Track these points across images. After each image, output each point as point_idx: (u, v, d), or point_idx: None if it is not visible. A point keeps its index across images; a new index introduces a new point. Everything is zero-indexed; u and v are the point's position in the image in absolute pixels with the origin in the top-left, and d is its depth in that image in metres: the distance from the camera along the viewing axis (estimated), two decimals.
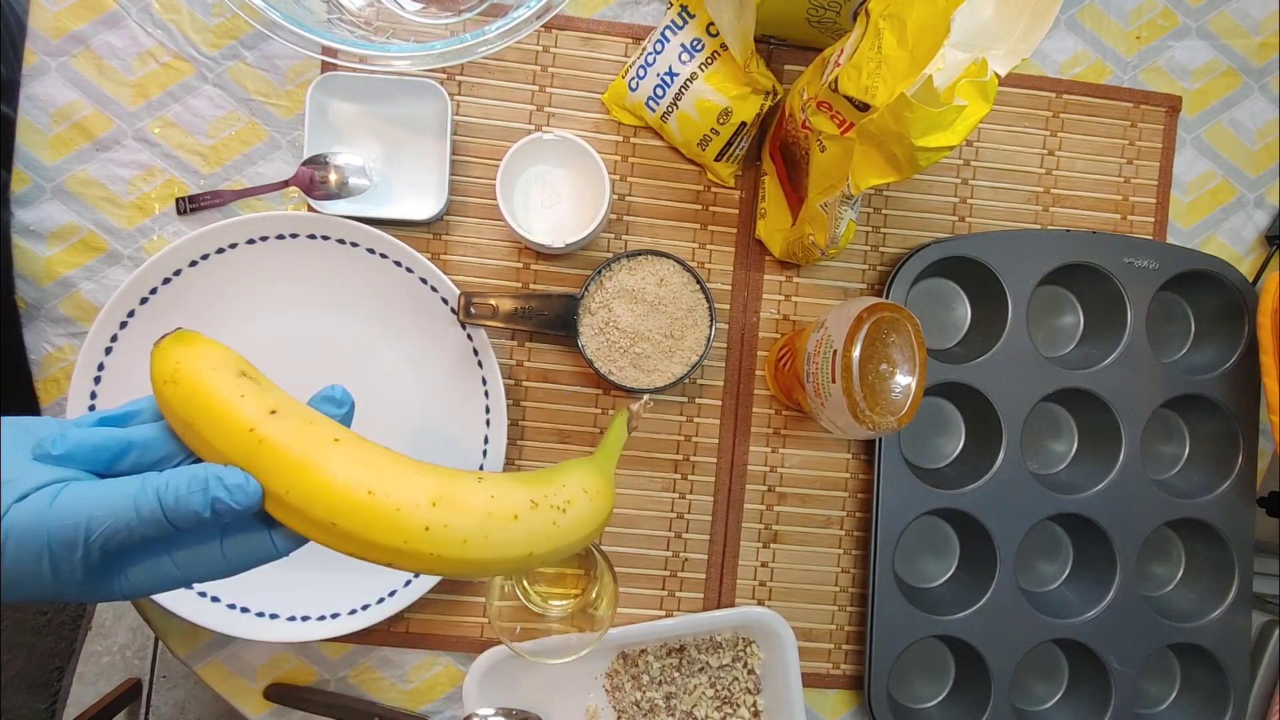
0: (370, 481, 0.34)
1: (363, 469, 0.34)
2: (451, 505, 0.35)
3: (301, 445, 0.33)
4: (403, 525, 0.34)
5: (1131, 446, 0.65)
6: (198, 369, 0.34)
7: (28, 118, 0.61)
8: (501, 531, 0.36)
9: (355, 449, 0.34)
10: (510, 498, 0.37)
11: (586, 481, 0.42)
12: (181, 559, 0.34)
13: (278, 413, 0.34)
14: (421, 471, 0.35)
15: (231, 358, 0.35)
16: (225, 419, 0.33)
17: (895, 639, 0.63)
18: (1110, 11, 0.69)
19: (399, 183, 0.62)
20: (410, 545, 0.34)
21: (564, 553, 0.39)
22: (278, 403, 0.34)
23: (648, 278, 0.58)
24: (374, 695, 0.63)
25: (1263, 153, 0.70)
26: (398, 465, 0.35)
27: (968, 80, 0.41)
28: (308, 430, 0.34)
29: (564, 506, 0.39)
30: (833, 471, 0.66)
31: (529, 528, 0.37)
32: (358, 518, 0.33)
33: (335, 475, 0.33)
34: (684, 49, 0.59)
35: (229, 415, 0.33)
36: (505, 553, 0.36)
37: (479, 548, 0.35)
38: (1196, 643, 0.65)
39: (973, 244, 0.64)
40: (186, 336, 0.36)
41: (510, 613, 0.59)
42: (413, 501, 0.34)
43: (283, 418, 0.34)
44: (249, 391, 0.34)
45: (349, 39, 0.52)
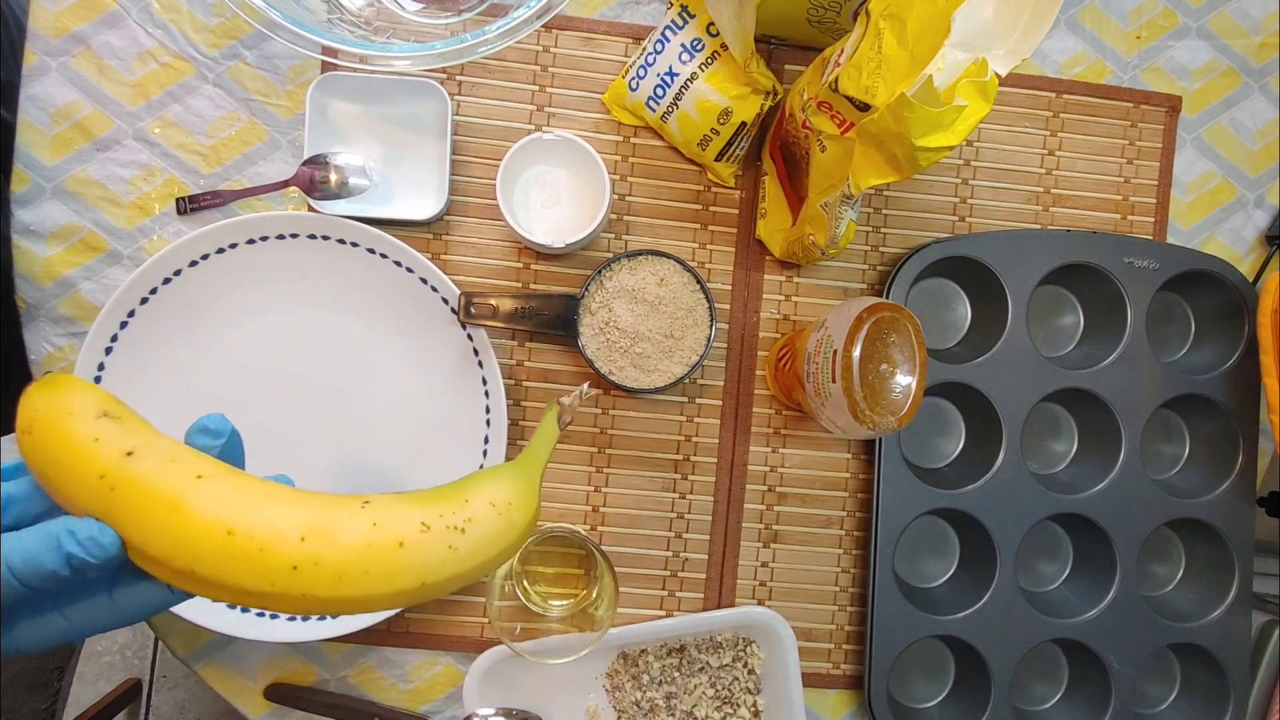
0: (232, 520, 0.31)
1: (225, 506, 0.31)
2: (324, 538, 0.31)
3: (158, 487, 0.31)
4: (267, 566, 0.31)
5: (1131, 446, 0.65)
6: (53, 415, 0.31)
7: (28, 118, 0.61)
8: (384, 563, 0.32)
9: (220, 485, 0.31)
10: (396, 522, 0.33)
11: (496, 494, 0.38)
12: (71, 614, 0.33)
13: (135, 454, 0.31)
14: (296, 504, 0.32)
15: (94, 399, 0.32)
16: (76, 467, 0.31)
17: (895, 639, 0.63)
18: (1110, 11, 0.69)
19: (399, 183, 0.62)
20: (278, 588, 0.31)
21: (467, 578, 0.36)
22: (137, 443, 0.31)
23: (648, 278, 0.58)
24: (374, 695, 0.63)
25: (1263, 153, 0.70)
26: (268, 499, 0.32)
27: (968, 80, 0.41)
28: (166, 470, 0.31)
29: (463, 526, 0.35)
30: (833, 471, 0.66)
31: (418, 556, 0.33)
32: (218, 562, 0.31)
33: (193, 516, 0.31)
34: (684, 49, 0.59)
35: (79, 462, 0.31)
36: (389, 586, 0.33)
37: (356, 584, 0.32)
38: (1196, 643, 0.65)
39: (973, 244, 0.64)
40: (55, 381, 0.33)
41: (510, 613, 0.59)
42: (278, 538, 0.31)
43: (139, 458, 0.31)
44: (105, 434, 0.31)
45: (349, 39, 0.52)
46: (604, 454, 0.64)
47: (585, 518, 0.64)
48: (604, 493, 0.64)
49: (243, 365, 0.60)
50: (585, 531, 0.64)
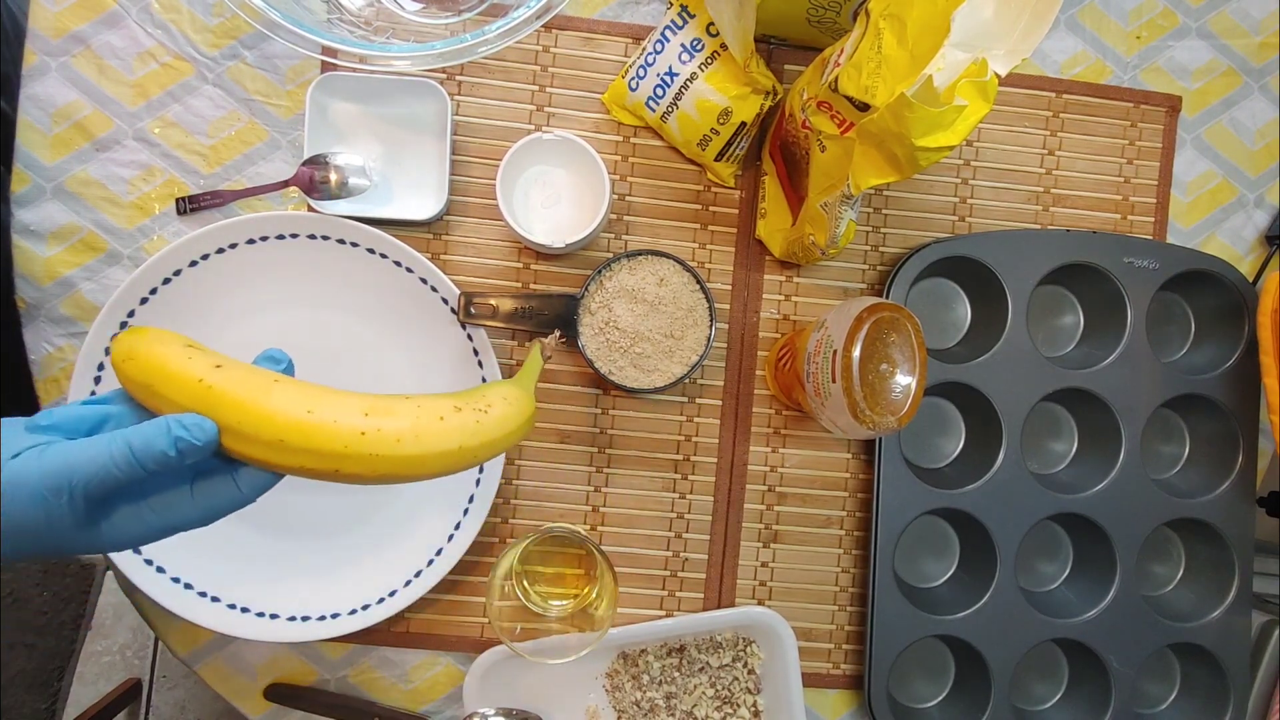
0: (309, 403, 0.39)
1: (302, 395, 0.39)
2: (383, 413, 0.40)
3: (246, 387, 0.38)
4: (341, 433, 0.39)
5: (1131, 446, 0.65)
6: (149, 344, 0.39)
7: (28, 118, 0.61)
8: (430, 429, 0.41)
9: (293, 385, 0.40)
10: (435, 404, 0.43)
11: (505, 392, 0.48)
12: (157, 504, 0.38)
13: (222, 367, 0.39)
14: (356, 395, 0.41)
15: (179, 336, 0.40)
16: (177, 376, 0.38)
17: (895, 639, 0.63)
18: (1110, 11, 0.69)
19: (399, 183, 0.62)
20: (351, 449, 0.39)
21: (491, 448, 0.45)
22: (222, 360, 0.39)
23: (648, 278, 0.58)
24: (374, 695, 0.63)
25: (1263, 153, 0.70)
26: (334, 392, 0.40)
27: (968, 80, 0.41)
28: (250, 376, 0.39)
29: (485, 409, 0.45)
30: (833, 471, 0.66)
31: (455, 425, 0.42)
32: (302, 433, 0.38)
33: (277, 403, 0.38)
34: (684, 49, 0.59)
35: (180, 373, 0.38)
36: (437, 447, 0.42)
37: (412, 444, 0.40)
38: (1196, 643, 0.65)
39: (973, 244, 0.64)
40: (137, 329, 0.40)
41: (510, 613, 0.59)
42: (348, 413, 0.39)
43: (227, 369, 0.39)
44: (195, 355, 0.39)
45: (349, 39, 0.52)
46: (604, 454, 0.64)
47: (585, 518, 0.64)
48: (604, 493, 0.64)
49: None
50: (585, 531, 0.64)
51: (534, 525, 0.64)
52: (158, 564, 0.58)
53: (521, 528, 0.64)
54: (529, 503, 0.64)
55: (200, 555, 0.58)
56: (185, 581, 0.58)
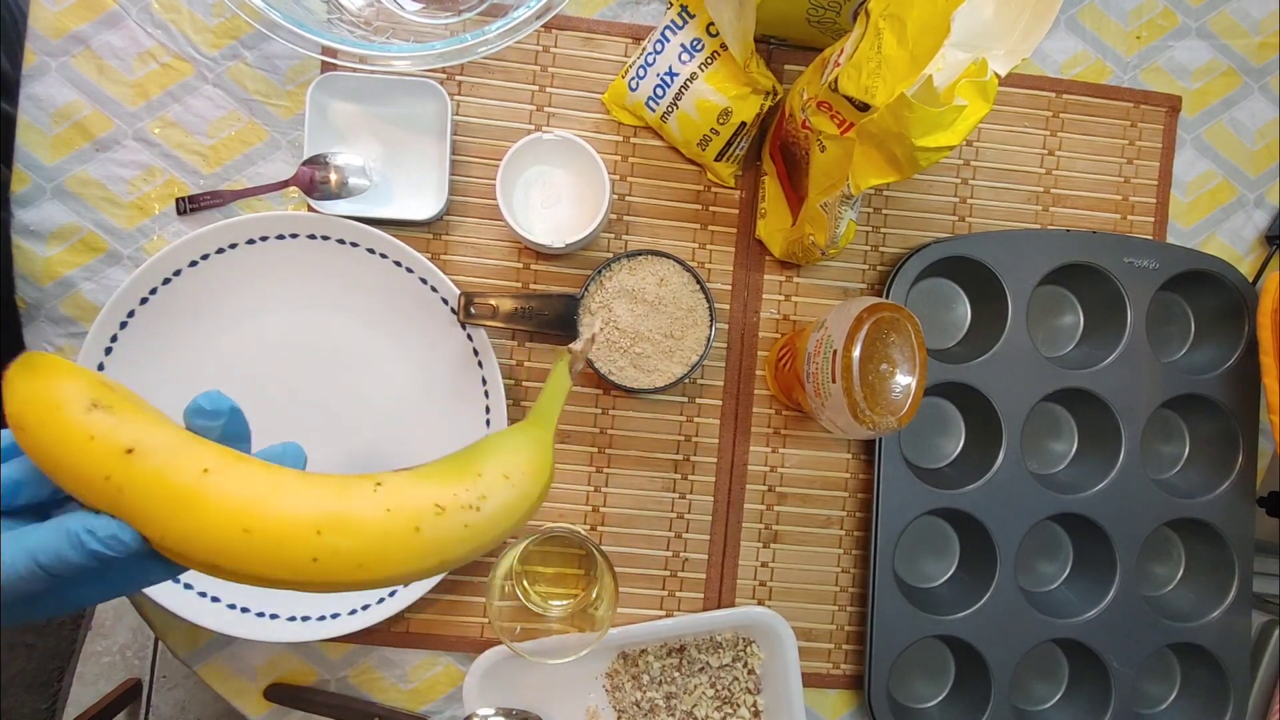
0: (246, 517, 0.31)
1: (237, 502, 0.31)
2: (340, 529, 0.32)
3: (165, 487, 0.31)
4: (287, 560, 0.32)
5: (1131, 446, 0.65)
6: (41, 410, 0.31)
7: (27, 118, 0.61)
8: (402, 548, 0.33)
9: (227, 477, 0.32)
10: (410, 507, 0.34)
11: (509, 464, 0.38)
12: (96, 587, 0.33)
13: (135, 451, 0.31)
14: (307, 492, 0.33)
15: (84, 387, 0.31)
16: (77, 469, 0.30)
17: (895, 639, 0.63)
18: (1110, 11, 0.69)
19: (399, 183, 0.62)
20: (302, 576, 0.32)
21: (485, 549, 0.37)
22: (135, 437, 0.31)
23: (648, 278, 0.58)
24: (374, 695, 0.63)
25: (1263, 153, 0.70)
26: (278, 490, 0.32)
27: (968, 80, 0.41)
28: (172, 465, 0.31)
29: (477, 504, 0.36)
30: (833, 471, 0.66)
31: (435, 537, 0.34)
32: (238, 557, 0.31)
33: (207, 517, 0.31)
34: (684, 49, 0.59)
35: (80, 465, 0.30)
36: (409, 567, 0.34)
37: (377, 568, 0.33)
38: (1196, 643, 0.65)
39: (973, 244, 0.64)
40: (35, 362, 0.31)
41: (510, 613, 0.59)
42: (295, 534, 0.32)
43: (140, 456, 0.31)
44: (99, 430, 0.31)
45: (349, 39, 0.52)
46: (604, 454, 0.64)
47: (585, 518, 0.64)
48: (604, 493, 0.64)
49: (243, 365, 0.60)
50: (585, 531, 0.64)
51: (534, 525, 0.64)
52: None
53: None
54: None
55: None
56: (185, 581, 0.58)
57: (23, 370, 0.31)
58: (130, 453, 0.31)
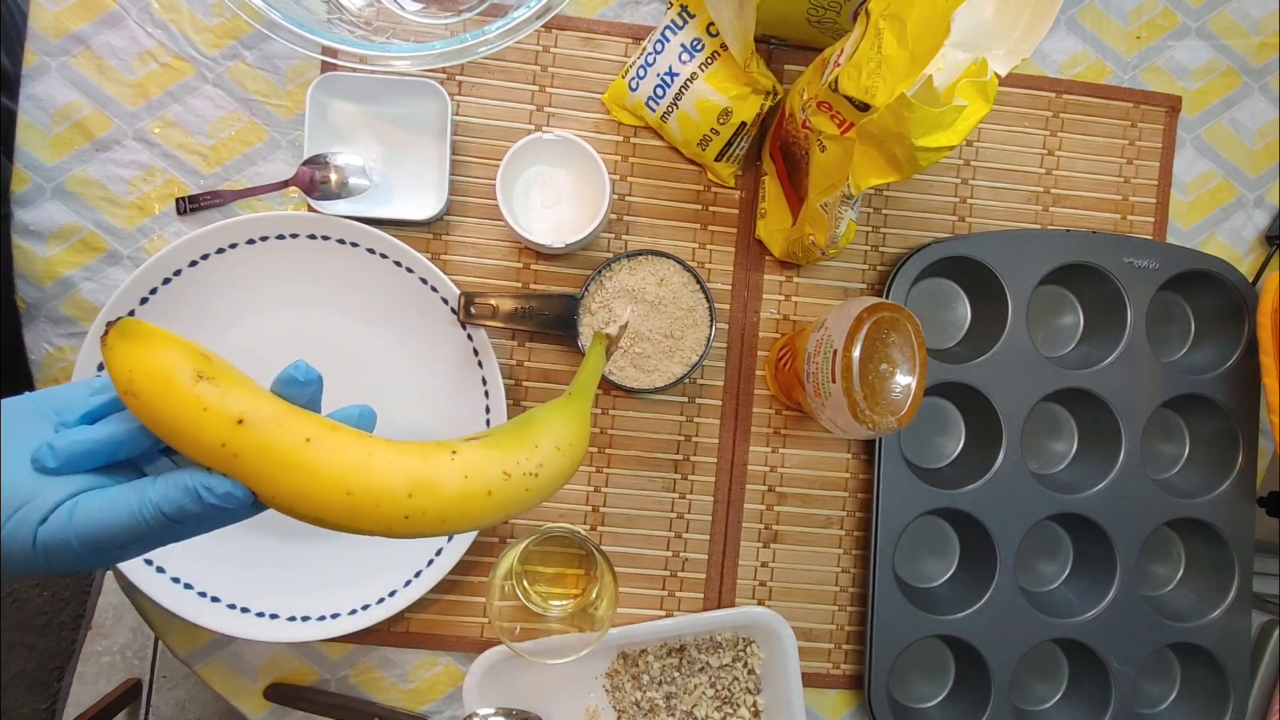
0: (347, 482, 0.35)
1: (338, 468, 0.35)
2: (428, 492, 0.37)
3: (275, 453, 0.35)
4: (384, 517, 0.36)
5: (1131, 446, 0.65)
6: (152, 381, 0.34)
7: (28, 118, 0.61)
8: (477, 507, 0.39)
9: (327, 446, 0.36)
10: (483, 474, 0.39)
11: (560, 436, 0.43)
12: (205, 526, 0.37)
13: (245, 421, 0.34)
14: (394, 459, 0.37)
15: (185, 356, 0.34)
16: (194, 439, 0.34)
17: (895, 639, 0.63)
18: (1110, 11, 0.69)
19: (399, 183, 0.62)
20: (395, 530, 0.37)
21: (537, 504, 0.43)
22: (243, 407, 0.34)
23: (648, 278, 0.58)
24: (374, 695, 0.63)
25: (1262, 153, 0.70)
26: (372, 458, 0.36)
27: (968, 80, 0.41)
28: (277, 435, 0.35)
29: (536, 472, 0.41)
30: (833, 471, 0.66)
31: (502, 499, 0.39)
32: (342, 515, 0.36)
33: (313, 479, 0.35)
34: (684, 49, 0.59)
35: (196, 435, 0.34)
36: (482, 521, 0.39)
37: (457, 522, 0.38)
38: (1196, 643, 0.65)
39: (973, 244, 0.64)
40: (132, 330, 0.34)
41: (510, 613, 0.59)
42: (391, 496, 0.36)
43: (249, 426, 0.34)
44: (211, 401, 0.34)
45: (349, 39, 0.52)
46: (604, 454, 0.64)
47: (585, 518, 0.64)
48: (604, 493, 0.64)
49: (243, 365, 0.60)
50: (585, 531, 0.64)
51: (534, 525, 0.64)
52: (158, 564, 0.58)
53: (521, 528, 0.64)
54: None
55: (200, 556, 0.58)
56: (185, 582, 0.58)
57: (123, 338, 0.34)
58: (241, 423, 0.34)
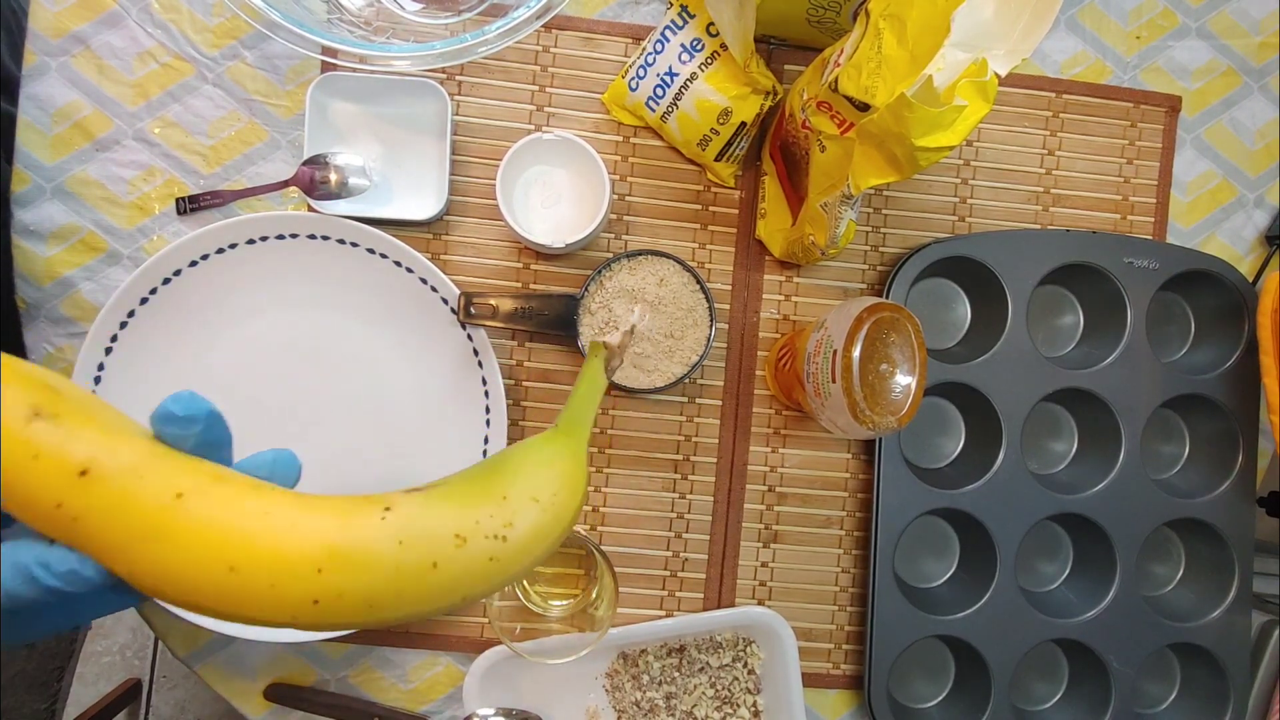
0: (230, 552, 0.26)
1: (218, 534, 0.26)
2: (344, 567, 0.27)
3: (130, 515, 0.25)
4: (284, 602, 0.27)
5: (1131, 446, 0.65)
6: None
7: (27, 118, 0.61)
8: (417, 586, 0.28)
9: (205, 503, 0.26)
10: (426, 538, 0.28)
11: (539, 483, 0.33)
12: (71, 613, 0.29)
13: (90, 472, 0.25)
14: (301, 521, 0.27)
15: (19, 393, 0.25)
16: (23, 496, 0.25)
17: (895, 639, 0.63)
18: (1110, 11, 0.69)
19: (399, 183, 0.62)
20: (304, 619, 0.27)
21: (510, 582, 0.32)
22: (89, 453, 0.25)
23: (648, 278, 0.58)
24: (374, 695, 0.63)
25: (1262, 153, 0.70)
26: (267, 519, 0.27)
27: (968, 80, 0.41)
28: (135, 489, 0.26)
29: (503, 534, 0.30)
30: (833, 471, 0.66)
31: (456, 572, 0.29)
32: (223, 599, 0.26)
33: (182, 551, 0.26)
34: (684, 49, 0.59)
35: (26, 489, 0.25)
36: (427, 606, 0.29)
37: (391, 608, 0.28)
38: (1196, 643, 0.65)
39: (973, 244, 0.64)
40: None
41: (510, 613, 0.59)
42: (290, 573, 0.26)
43: (97, 479, 0.25)
44: (45, 446, 0.25)
45: (349, 39, 0.52)
46: (604, 454, 0.64)
47: (585, 518, 0.64)
48: (604, 493, 0.64)
49: (243, 366, 0.60)
50: (585, 531, 0.64)
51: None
52: None
53: None
54: None
55: None
56: None
57: None
58: (85, 474, 0.25)
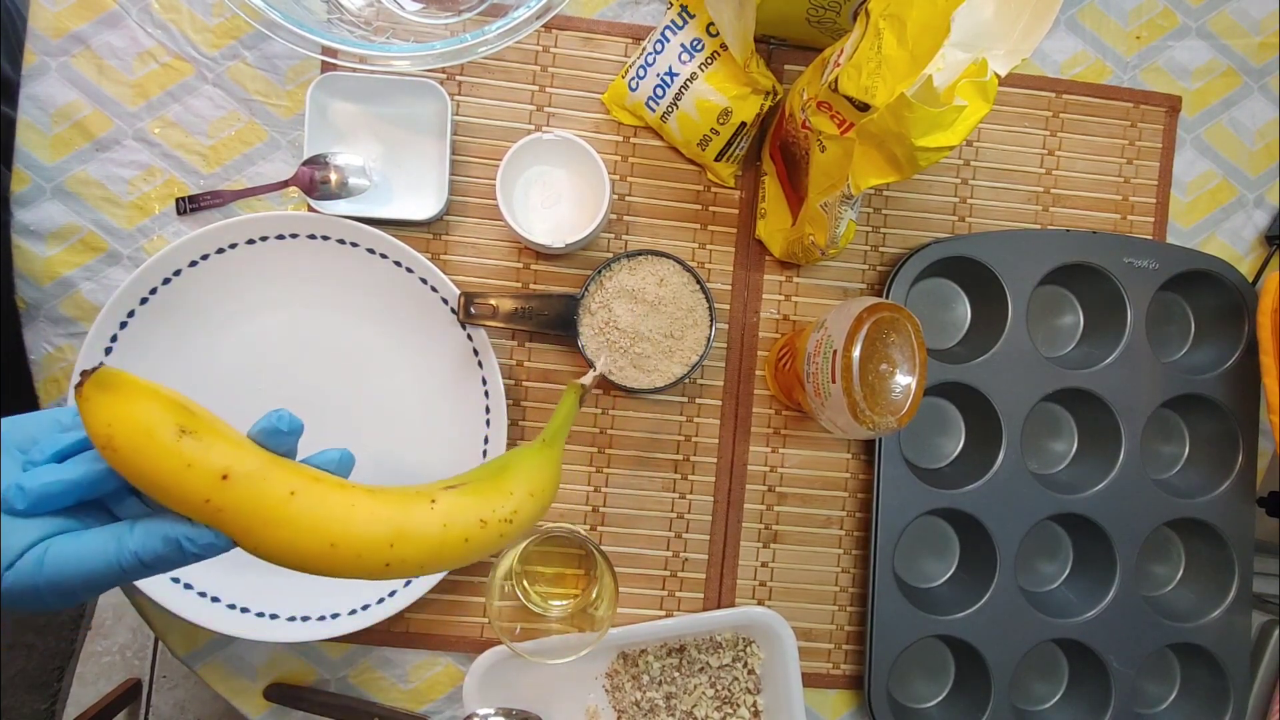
0: (332, 534, 0.36)
1: (321, 521, 0.36)
2: (408, 541, 0.38)
3: (260, 509, 0.35)
4: (366, 566, 0.38)
5: (1131, 446, 0.65)
6: (133, 437, 0.33)
7: (28, 118, 0.61)
8: (454, 552, 0.40)
9: (311, 500, 0.36)
10: (461, 522, 0.41)
11: (535, 483, 0.45)
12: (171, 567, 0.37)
13: (229, 477, 0.34)
14: (377, 510, 0.38)
15: (166, 410, 0.34)
16: (179, 495, 0.34)
17: (895, 639, 0.63)
18: (1110, 11, 0.69)
19: (399, 183, 0.62)
20: (375, 576, 0.38)
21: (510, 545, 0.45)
22: (226, 463, 0.34)
23: (648, 278, 0.58)
24: (374, 695, 0.63)
25: (1262, 153, 0.70)
26: (354, 509, 0.37)
27: (968, 80, 0.41)
28: (262, 490, 0.35)
29: (511, 518, 0.42)
30: (833, 471, 0.66)
31: (478, 544, 0.41)
32: (325, 565, 0.37)
33: (298, 534, 0.36)
34: (684, 49, 0.59)
35: (180, 490, 0.34)
36: (457, 564, 0.41)
37: (434, 566, 0.40)
38: (1196, 643, 0.65)
39: (973, 244, 0.64)
40: (110, 381, 0.34)
41: (510, 613, 0.59)
42: (373, 547, 0.37)
43: (234, 482, 0.34)
44: (194, 457, 0.34)
45: (349, 39, 0.52)
46: (604, 454, 0.64)
47: (585, 518, 0.64)
48: (604, 493, 0.64)
49: (243, 365, 0.60)
50: (585, 531, 0.64)
51: (534, 525, 0.63)
52: None
53: None
54: None
55: None
56: (185, 582, 0.58)
57: (100, 390, 0.33)
58: (225, 479, 0.34)
